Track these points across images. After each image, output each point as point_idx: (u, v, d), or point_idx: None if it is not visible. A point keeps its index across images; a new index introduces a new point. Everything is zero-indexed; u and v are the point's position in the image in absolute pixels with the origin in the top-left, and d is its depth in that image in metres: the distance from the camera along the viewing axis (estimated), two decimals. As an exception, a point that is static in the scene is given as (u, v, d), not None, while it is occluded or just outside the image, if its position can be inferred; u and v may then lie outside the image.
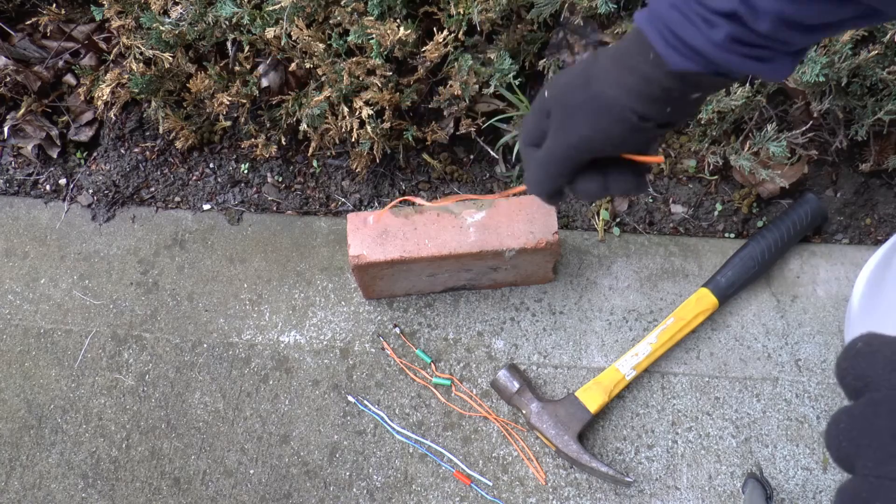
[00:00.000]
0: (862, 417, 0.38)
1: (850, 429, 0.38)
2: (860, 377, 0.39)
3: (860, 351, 0.40)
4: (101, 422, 1.23)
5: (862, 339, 0.40)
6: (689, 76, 0.54)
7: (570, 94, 0.60)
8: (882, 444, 0.36)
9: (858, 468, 0.37)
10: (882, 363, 0.38)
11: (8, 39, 1.46)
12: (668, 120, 0.59)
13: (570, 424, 1.12)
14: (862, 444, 0.37)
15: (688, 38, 0.52)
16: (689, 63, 0.53)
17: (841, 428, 0.38)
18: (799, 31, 0.49)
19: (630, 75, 0.56)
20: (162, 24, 1.24)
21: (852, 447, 0.37)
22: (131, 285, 1.34)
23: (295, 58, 1.25)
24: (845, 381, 0.40)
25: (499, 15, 1.21)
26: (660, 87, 0.55)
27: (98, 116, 1.45)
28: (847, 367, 0.40)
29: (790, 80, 1.18)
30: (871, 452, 0.36)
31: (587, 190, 0.65)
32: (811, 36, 0.51)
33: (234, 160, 1.42)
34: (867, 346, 0.40)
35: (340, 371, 1.24)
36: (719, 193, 1.33)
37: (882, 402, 0.37)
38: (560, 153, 0.63)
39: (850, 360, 0.40)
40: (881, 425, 0.37)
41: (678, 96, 0.56)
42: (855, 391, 0.40)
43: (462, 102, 1.28)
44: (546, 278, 1.27)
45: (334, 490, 1.17)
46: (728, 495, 1.14)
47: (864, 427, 0.37)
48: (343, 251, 1.33)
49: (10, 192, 1.44)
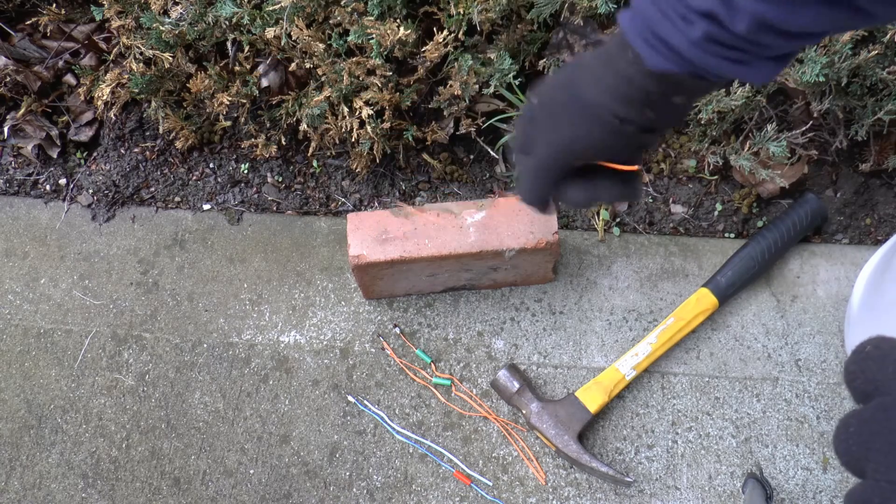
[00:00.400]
0: (872, 422, 0.37)
1: (860, 433, 0.37)
2: (869, 381, 0.39)
3: (869, 354, 0.39)
4: (101, 422, 1.23)
5: (871, 342, 0.40)
6: (669, 77, 0.53)
7: (553, 97, 0.60)
8: (893, 449, 0.36)
9: (869, 473, 0.37)
10: (892, 367, 0.38)
11: (8, 39, 1.46)
12: (651, 125, 0.57)
13: (570, 424, 1.12)
14: (872, 448, 0.37)
15: (666, 36, 0.50)
16: (668, 63, 0.52)
17: (851, 432, 0.38)
18: (779, 35, 0.48)
19: (611, 76, 0.55)
20: (162, 24, 1.24)
21: (862, 451, 0.37)
22: (131, 285, 1.34)
23: (295, 58, 1.25)
24: (854, 385, 0.40)
25: (499, 15, 1.21)
26: (640, 88, 0.54)
27: (98, 116, 1.45)
28: (856, 371, 0.40)
29: (790, 80, 1.18)
30: (882, 457, 0.36)
31: (574, 198, 0.64)
32: (793, 42, 0.49)
33: (234, 160, 1.42)
34: (876, 349, 0.39)
35: (340, 371, 1.24)
36: (719, 193, 1.33)
37: (892, 407, 0.37)
38: (545, 159, 0.62)
39: (858, 363, 0.40)
40: (892, 430, 0.36)
41: (658, 99, 0.55)
42: (864, 395, 0.39)
43: (462, 102, 1.28)
44: (546, 278, 1.27)
45: (334, 490, 1.17)
46: (728, 495, 1.14)
47: (875, 431, 0.37)
48: (343, 251, 1.33)
49: (10, 192, 1.44)
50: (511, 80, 1.25)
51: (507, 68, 1.23)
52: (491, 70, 1.24)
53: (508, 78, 1.24)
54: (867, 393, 0.39)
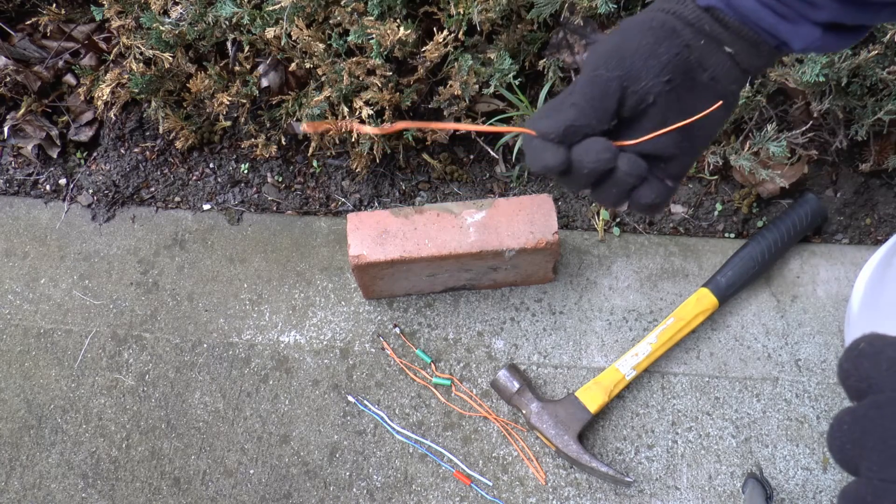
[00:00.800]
0: (866, 419, 0.37)
1: (854, 430, 0.37)
2: (863, 378, 0.39)
3: (863, 351, 0.39)
4: (101, 422, 1.23)
5: (865, 339, 0.40)
6: (712, 24, 0.49)
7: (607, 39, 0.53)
8: (887, 446, 0.36)
9: (863, 470, 0.37)
10: (886, 364, 0.38)
11: (8, 39, 1.46)
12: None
13: (570, 424, 1.12)
14: (866, 446, 0.37)
15: None
16: None
17: (844, 430, 0.38)
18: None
19: (665, 2, 0.52)
20: (162, 24, 1.24)
21: (856, 449, 0.37)
22: (131, 285, 1.34)
23: (295, 58, 1.25)
24: (848, 383, 0.40)
25: (499, 15, 1.21)
26: (684, 23, 0.50)
27: (98, 116, 1.45)
28: (849, 369, 0.39)
29: (790, 80, 1.18)
30: (876, 455, 0.36)
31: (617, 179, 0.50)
32: (849, 10, 0.46)
33: (234, 160, 1.42)
34: (870, 346, 0.39)
35: (340, 371, 1.24)
36: (719, 193, 1.33)
37: (886, 405, 0.37)
38: (587, 73, 0.50)
39: (852, 360, 0.40)
40: (886, 427, 0.36)
41: (696, 55, 0.50)
42: (858, 392, 0.39)
43: (462, 102, 1.28)
44: (546, 278, 1.27)
45: (334, 490, 1.17)
46: (728, 495, 1.14)
47: (869, 429, 0.37)
48: (343, 251, 1.33)
49: (10, 192, 1.44)
50: (511, 80, 1.25)
51: (507, 68, 1.23)
52: (491, 70, 1.24)
53: (508, 78, 1.24)
54: (861, 390, 0.39)
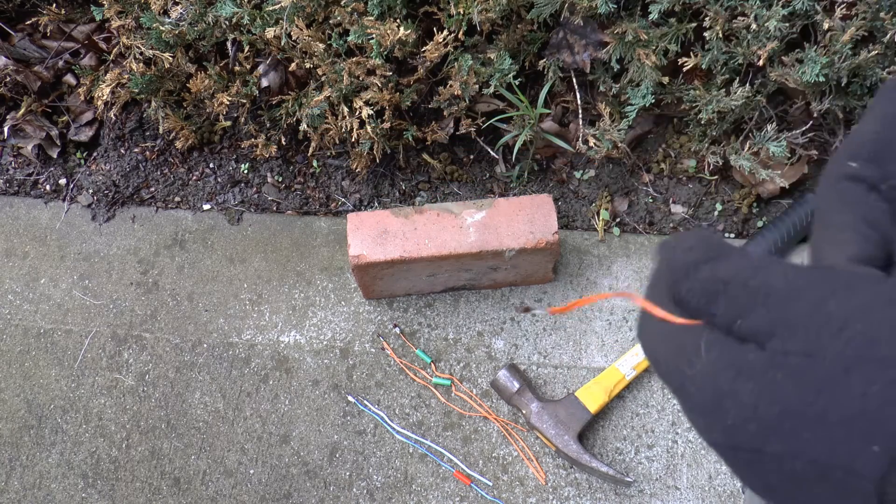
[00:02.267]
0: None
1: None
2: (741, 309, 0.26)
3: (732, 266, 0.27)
4: (101, 422, 1.23)
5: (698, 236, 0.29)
6: None
7: None
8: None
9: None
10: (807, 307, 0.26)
11: (8, 39, 1.46)
12: None
13: (570, 424, 1.12)
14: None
15: None
16: None
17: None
18: None
19: None
20: (162, 24, 1.24)
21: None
22: (131, 285, 1.34)
23: (295, 58, 1.25)
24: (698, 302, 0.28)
25: (499, 15, 1.21)
26: None
27: (98, 116, 1.45)
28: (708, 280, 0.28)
29: (790, 80, 1.18)
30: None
31: None
32: None
33: (234, 160, 1.42)
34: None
35: (340, 371, 1.24)
36: (719, 193, 1.33)
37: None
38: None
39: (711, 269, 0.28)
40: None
41: None
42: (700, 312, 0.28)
43: (462, 102, 1.28)
44: (546, 278, 1.27)
45: (334, 490, 1.17)
46: (728, 495, 1.14)
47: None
48: (343, 251, 1.33)
49: (10, 192, 1.44)
50: (511, 80, 1.25)
51: (507, 68, 1.23)
52: (491, 70, 1.24)
53: (508, 78, 1.24)
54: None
